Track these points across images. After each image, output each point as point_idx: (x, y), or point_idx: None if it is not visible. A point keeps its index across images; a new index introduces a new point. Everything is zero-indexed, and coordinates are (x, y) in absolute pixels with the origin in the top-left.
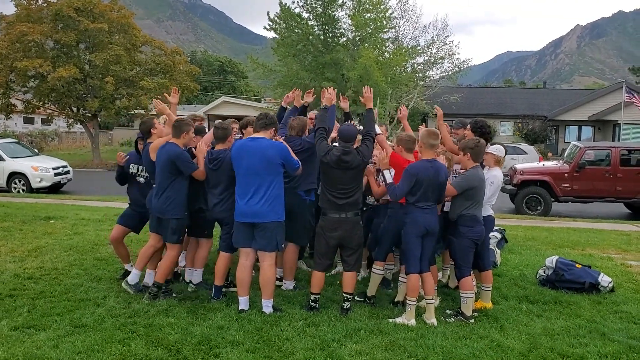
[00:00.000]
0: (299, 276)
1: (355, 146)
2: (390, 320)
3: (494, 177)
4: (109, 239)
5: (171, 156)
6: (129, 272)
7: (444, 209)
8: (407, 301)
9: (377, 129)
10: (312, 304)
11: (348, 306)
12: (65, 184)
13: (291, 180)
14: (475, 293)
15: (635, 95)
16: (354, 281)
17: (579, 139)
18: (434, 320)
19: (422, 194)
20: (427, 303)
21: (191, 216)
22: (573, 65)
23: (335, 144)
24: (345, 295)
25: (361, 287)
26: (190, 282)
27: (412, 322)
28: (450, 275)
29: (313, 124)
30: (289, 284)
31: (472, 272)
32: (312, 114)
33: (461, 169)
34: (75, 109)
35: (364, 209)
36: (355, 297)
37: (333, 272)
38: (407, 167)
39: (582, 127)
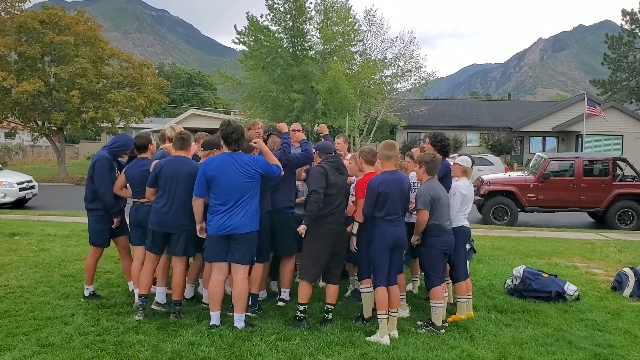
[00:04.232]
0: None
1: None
2: (367, 338)
3: (460, 187)
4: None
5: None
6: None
7: (409, 220)
8: (378, 316)
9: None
10: (301, 314)
11: (330, 317)
12: (30, 199)
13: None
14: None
15: (596, 106)
16: (337, 293)
17: (544, 150)
18: (395, 332)
19: (390, 206)
20: (390, 315)
21: None
22: (536, 78)
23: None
24: (328, 306)
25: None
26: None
27: (385, 339)
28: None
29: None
30: (286, 294)
31: (444, 282)
32: (295, 125)
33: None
34: (40, 123)
35: None
36: (354, 322)
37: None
38: (368, 182)
39: (546, 138)
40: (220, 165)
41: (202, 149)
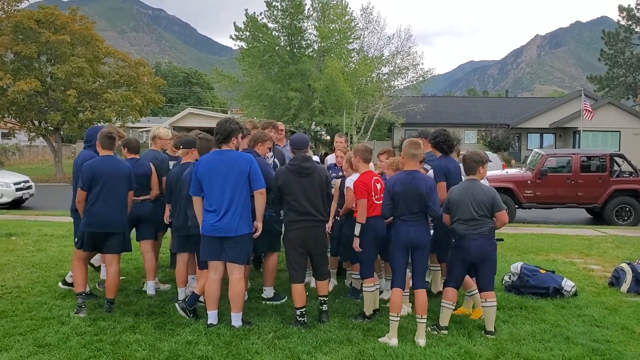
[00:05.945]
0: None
1: None
2: (379, 339)
3: None
4: None
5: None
6: None
7: None
8: (390, 317)
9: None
10: (300, 319)
11: (326, 308)
12: (27, 199)
13: None
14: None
15: (588, 105)
16: (327, 285)
17: (541, 146)
18: (422, 340)
19: (403, 207)
20: (418, 322)
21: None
22: (534, 74)
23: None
24: (321, 298)
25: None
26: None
27: (394, 341)
28: (432, 280)
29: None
30: (269, 291)
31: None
32: (279, 124)
33: None
34: (36, 123)
35: (337, 218)
36: (353, 320)
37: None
38: (385, 182)
39: (544, 134)
40: (206, 164)
41: (181, 147)
